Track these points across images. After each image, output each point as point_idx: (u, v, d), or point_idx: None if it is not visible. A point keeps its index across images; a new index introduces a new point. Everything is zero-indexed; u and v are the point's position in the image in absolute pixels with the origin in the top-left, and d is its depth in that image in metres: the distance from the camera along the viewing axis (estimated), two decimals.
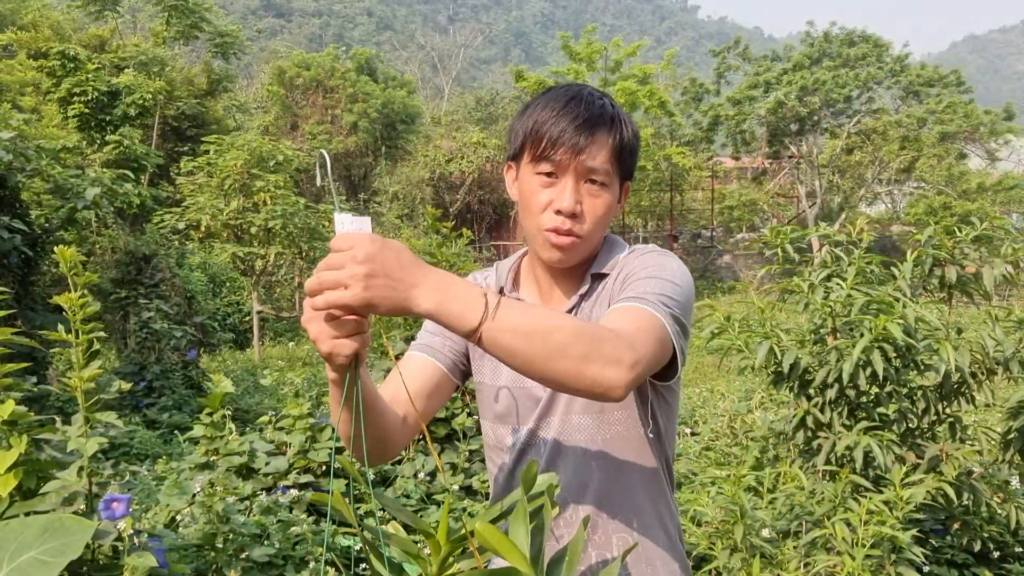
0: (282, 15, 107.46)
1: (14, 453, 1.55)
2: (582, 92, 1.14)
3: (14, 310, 5.40)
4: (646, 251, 1.18)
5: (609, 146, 1.10)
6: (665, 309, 1.04)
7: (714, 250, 22.08)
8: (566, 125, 1.09)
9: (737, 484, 2.42)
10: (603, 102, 1.13)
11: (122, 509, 1.57)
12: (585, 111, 1.10)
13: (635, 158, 1.17)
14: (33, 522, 1.03)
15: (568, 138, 1.09)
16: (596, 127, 1.10)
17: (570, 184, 1.11)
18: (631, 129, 1.14)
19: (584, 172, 1.11)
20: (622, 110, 1.16)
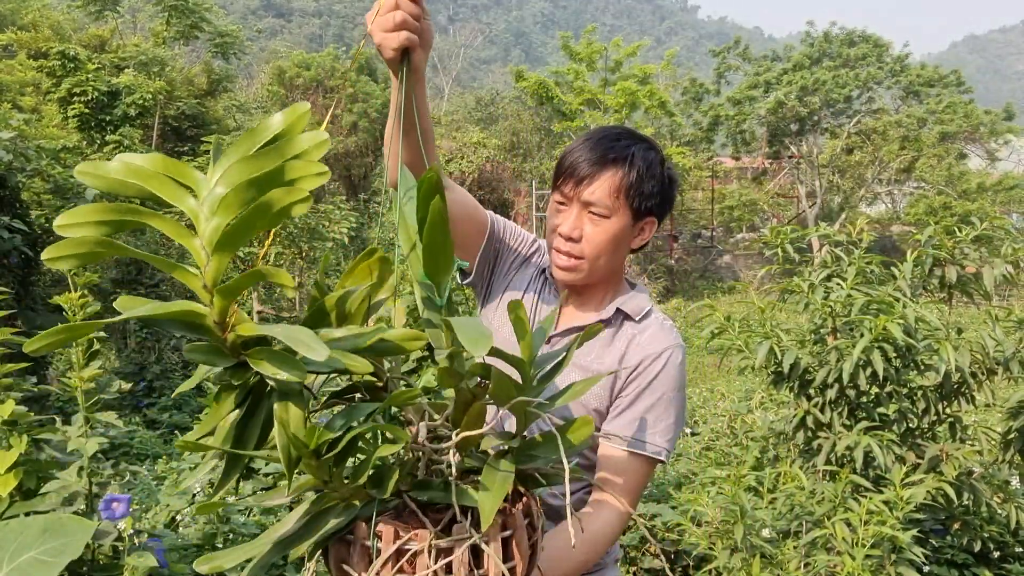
0: (282, 15, 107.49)
1: (14, 453, 1.55)
2: (611, 132, 1.26)
3: (14, 310, 5.40)
4: (669, 360, 1.25)
5: (613, 182, 1.21)
6: (670, 449, 1.24)
7: (714, 250, 22.07)
8: (578, 160, 1.23)
9: (737, 484, 2.42)
10: (625, 143, 1.23)
11: (122, 509, 1.57)
12: (600, 149, 1.22)
13: (653, 197, 1.24)
14: (33, 522, 1.03)
15: (576, 172, 1.22)
16: (604, 165, 1.21)
17: (574, 212, 1.24)
18: (652, 170, 1.23)
19: (585, 203, 1.23)
20: (651, 153, 1.24)
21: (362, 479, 0.80)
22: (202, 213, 0.71)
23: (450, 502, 0.81)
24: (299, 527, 0.83)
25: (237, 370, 0.76)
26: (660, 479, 3.65)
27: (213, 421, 0.78)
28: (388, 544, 0.80)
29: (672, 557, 3.04)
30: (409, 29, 1.02)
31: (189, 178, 0.72)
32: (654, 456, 1.22)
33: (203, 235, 0.70)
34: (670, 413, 1.24)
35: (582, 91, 19.25)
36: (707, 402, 7.70)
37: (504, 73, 45.26)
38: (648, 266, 20.33)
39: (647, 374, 1.24)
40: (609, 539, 1.18)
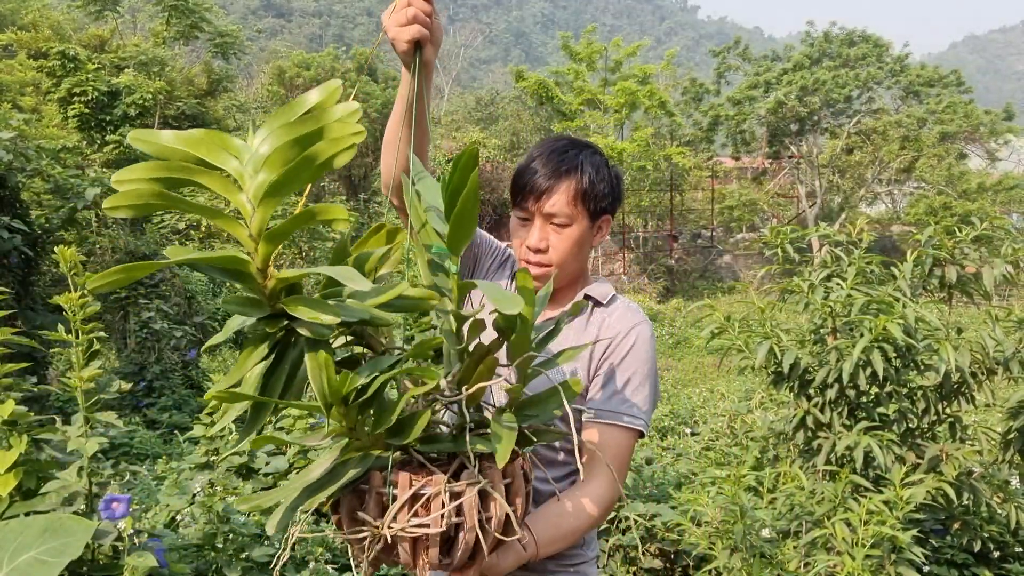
0: (282, 15, 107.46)
1: (14, 453, 1.55)
2: (558, 146, 1.35)
3: (14, 310, 5.40)
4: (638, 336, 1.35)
5: (569, 192, 1.31)
6: (647, 421, 1.32)
7: (714, 250, 22.05)
8: (534, 177, 1.33)
9: (737, 484, 2.42)
10: (573, 153, 1.34)
11: (122, 509, 1.57)
12: (552, 163, 1.32)
13: (606, 197, 1.36)
14: (33, 522, 1.03)
15: (534, 188, 1.32)
16: (559, 177, 1.31)
17: (537, 225, 1.34)
18: (600, 173, 1.34)
19: (547, 215, 1.33)
20: (596, 157, 1.36)
21: (386, 424, 0.85)
22: (247, 172, 0.78)
23: (458, 452, 0.90)
24: (325, 474, 0.88)
25: (271, 319, 0.83)
26: (660, 479, 3.65)
27: (241, 371, 0.84)
28: (404, 490, 0.87)
29: (672, 557, 3.04)
30: (420, 23, 1.14)
31: (232, 146, 0.80)
32: (632, 426, 1.30)
33: (248, 190, 0.78)
34: (645, 386, 1.33)
35: (582, 91, 19.24)
36: (707, 402, 7.69)
37: (504, 73, 45.22)
38: (648, 266, 20.33)
39: (619, 351, 1.33)
40: (600, 508, 1.25)
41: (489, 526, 0.90)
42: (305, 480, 0.88)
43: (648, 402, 1.33)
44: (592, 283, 1.44)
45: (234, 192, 0.79)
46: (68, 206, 6.62)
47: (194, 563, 2.26)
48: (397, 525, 0.86)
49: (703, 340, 2.86)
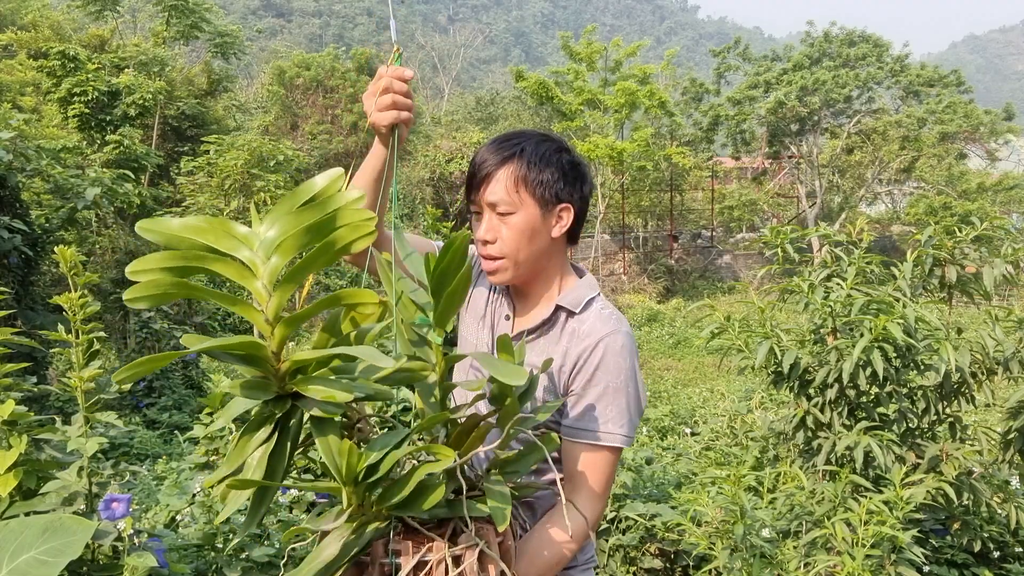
0: (282, 15, 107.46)
1: (14, 453, 1.55)
2: (504, 135, 1.33)
3: (14, 310, 5.40)
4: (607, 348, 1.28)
5: (508, 178, 1.27)
6: (627, 434, 1.27)
7: (714, 250, 22.05)
8: (477, 165, 1.31)
9: (737, 484, 2.42)
10: (516, 140, 1.30)
11: (122, 509, 1.57)
12: (492, 150, 1.30)
13: (555, 183, 1.29)
14: (33, 522, 1.03)
15: (476, 176, 1.30)
16: (498, 164, 1.28)
17: (485, 216, 1.31)
18: (546, 159, 1.29)
19: (491, 204, 1.29)
20: (545, 144, 1.31)
21: (397, 498, 0.88)
22: (258, 258, 0.81)
23: (453, 516, 0.93)
24: (340, 550, 0.89)
25: (278, 401, 0.84)
26: (660, 479, 3.65)
27: (241, 456, 0.86)
28: (408, 558, 0.90)
29: (672, 557, 3.04)
30: (399, 107, 1.21)
31: (238, 233, 0.82)
32: (610, 444, 1.26)
33: (262, 276, 0.80)
34: (619, 399, 1.27)
35: (582, 91, 19.24)
36: (707, 402, 7.70)
37: (504, 73, 45.20)
38: (648, 266, 20.33)
39: (588, 366, 1.28)
40: (579, 534, 1.23)
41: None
42: (320, 560, 0.88)
43: (625, 414, 1.28)
44: (570, 285, 1.38)
45: (249, 279, 0.81)
46: (68, 206, 6.62)
47: (194, 563, 2.26)
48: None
49: (703, 340, 2.86)
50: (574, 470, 1.27)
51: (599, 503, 1.27)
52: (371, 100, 1.20)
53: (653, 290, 18.86)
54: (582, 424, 1.26)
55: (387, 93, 1.20)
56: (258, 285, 0.80)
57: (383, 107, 1.20)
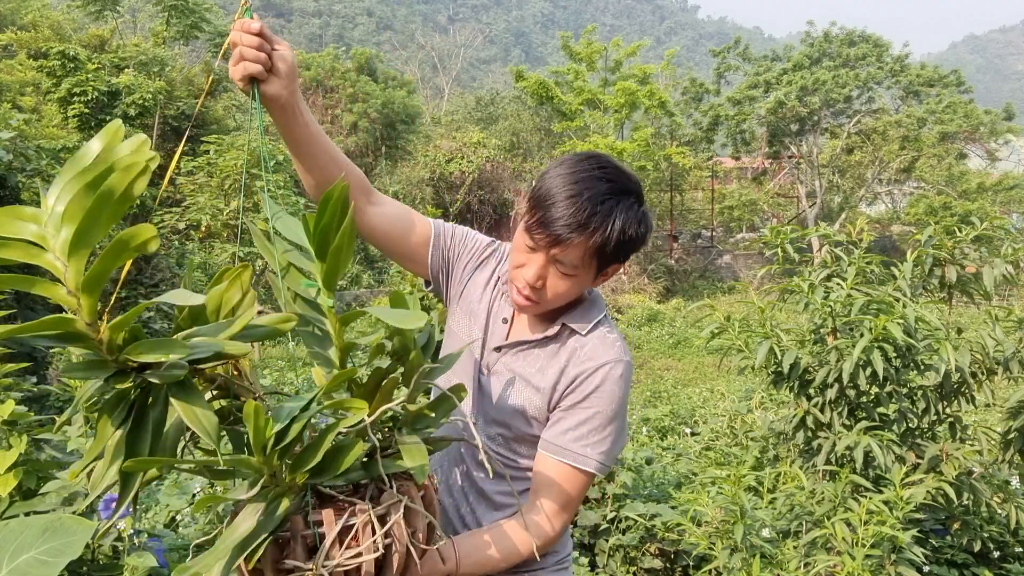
0: (282, 15, 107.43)
1: (14, 453, 1.55)
2: (597, 190, 1.17)
3: (14, 310, 5.39)
4: (606, 376, 1.25)
5: (586, 247, 1.18)
6: (604, 462, 1.25)
7: (714, 250, 22.05)
8: (557, 217, 1.17)
9: (737, 484, 2.42)
10: (609, 206, 1.17)
11: (122, 509, 1.57)
12: (583, 213, 1.16)
13: (622, 253, 1.22)
14: (33, 522, 1.03)
15: (551, 230, 1.18)
16: (582, 229, 1.16)
17: (540, 262, 1.22)
18: (630, 230, 1.19)
19: (554, 259, 1.21)
20: (632, 211, 1.19)
21: (310, 464, 0.83)
22: (48, 232, 0.74)
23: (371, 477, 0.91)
24: (256, 526, 0.84)
25: (119, 376, 0.77)
26: (660, 479, 3.65)
27: (100, 443, 0.79)
28: (331, 526, 0.85)
29: (672, 557, 3.04)
30: (249, 60, 1.10)
31: (25, 215, 0.75)
32: (581, 468, 1.24)
33: (54, 248, 0.74)
34: (605, 427, 1.25)
35: (582, 91, 19.24)
36: (707, 402, 7.70)
37: (504, 73, 45.22)
38: (648, 266, 20.33)
39: (583, 388, 1.25)
40: (536, 540, 1.22)
41: (416, 539, 0.92)
42: (234, 537, 0.84)
43: (607, 443, 1.26)
44: (579, 305, 1.33)
45: (38, 255, 0.75)
46: None
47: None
48: (332, 562, 0.85)
49: (703, 340, 2.86)
50: (543, 484, 1.25)
51: (559, 521, 1.25)
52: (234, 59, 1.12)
53: (653, 290, 18.86)
54: (562, 443, 1.24)
55: (235, 47, 1.11)
56: (50, 258, 0.74)
57: (233, 62, 1.11)
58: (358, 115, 21.91)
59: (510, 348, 1.32)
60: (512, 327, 1.36)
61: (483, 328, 1.37)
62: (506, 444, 1.32)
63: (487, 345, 1.35)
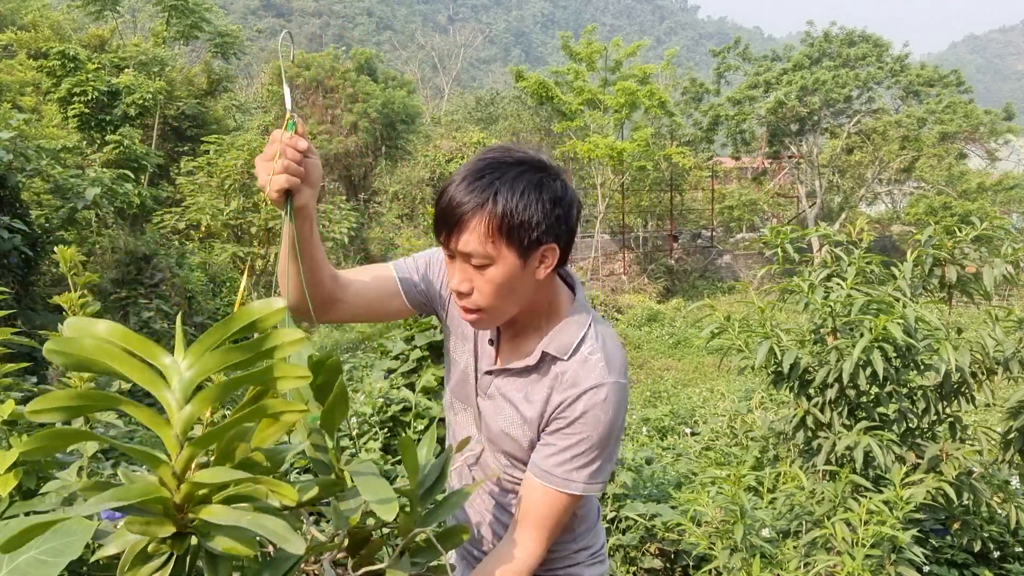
0: (282, 15, 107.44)
1: (14, 453, 1.55)
2: (476, 166, 1.14)
3: (14, 310, 5.40)
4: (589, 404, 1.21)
5: (482, 227, 1.11)
6: (588, 482, 1.22)
7: (714, 250, 22.05)
8: (445, 207, 1.14)
9: (737, 484, 2.42)
10: (489, 179, 1.12)
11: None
12: (463, 190, 1.12)
13: (537, 226, 1.13)
14: (33, 522, 1.03)
15: (446, 221, 1.14)
16: (470, 210, 1.11)
17: (457, 264, 1.18)
18: (526, 197, 1.12)
19: (464, 254, 1.15)
20: (523, 179, 1.13)
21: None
22: (173, 399, 0.71)
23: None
24: None
25: (178, 538, 0.74)
26: (660, 479, 3.65)
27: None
28: None
29: (672, 557, 3.04)
30: (291, 173, 1.08)
31: (156, 358, 0.73)
32: (565, 492, 1.22)
33: (176, 425, 0.72)
34: (591, 452, 1.22)
35: (582, 91, 19.24)
36: (707, 402, 7.70)
37: (504, 73, 45.22)
38: (648, 266, 20.32)
39: (567, 415, 1.22)
40: (521, 568, 1.23)
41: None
42: None
43: (594, 466, 1.23)
44: (561, 321, 1.27)
45: (163, 427, 0.73)
46: (68, 206, 6.62)
47: None
48: None
49: (703, 340, 2.86)
50: (528, 506, 1.25)
51: (543, 542, 1.25)
52: (263, 164, 1.09)
53: (653, 290, 18.85)
54: (547, 466, 1.23)
55: (272, 158, 1.09)
56: (172, 435, 0.72)
57: (273, 171, 1.09)
58: (358, 115, 21.90)
59: (499, 375, 1.31)
60: (500, 349, 1.33)
61: (472, 352, 1.35)
62: (514, 466, 1.32)
63: (479, 369, 1.34)
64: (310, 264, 1.19)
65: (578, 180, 21.57)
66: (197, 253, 12.44)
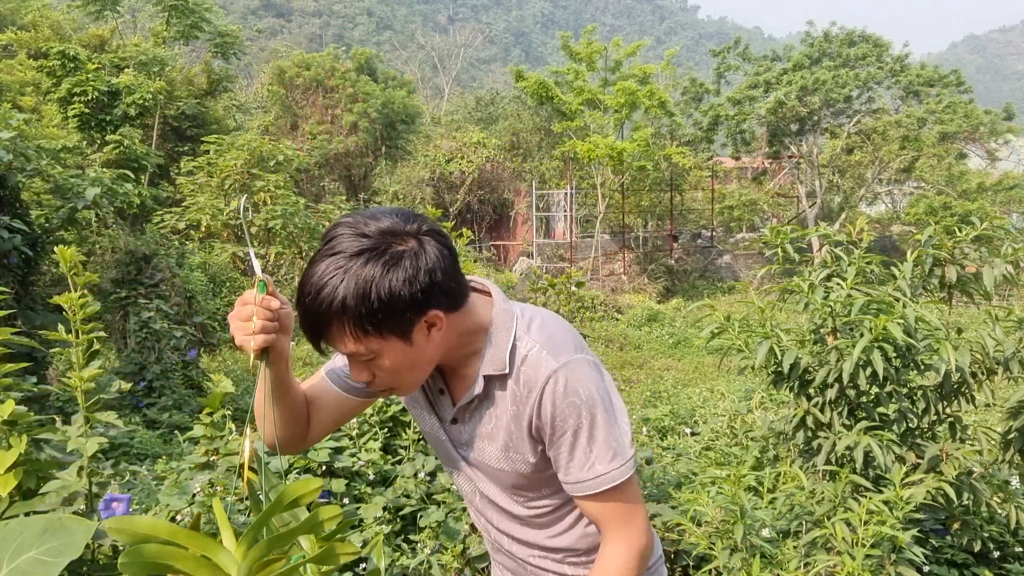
0: (282, 15, 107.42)
1: (14, 453, 1.55)
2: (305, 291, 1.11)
3: (14, 310, 5.40)
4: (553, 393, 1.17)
5: (348, 332, 1.09)
6: (619, 465, 1.19)
7: (714, 250, 22.05)
8: (303, 322, 1.12)
9: (737, 484, 2.42)
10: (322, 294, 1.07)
11: (122, 509, 1.57)
12: (306, 319, 1.11)
13: (396, 311, 1.08)
14: (33, 522, 1.03)
15: (311, 335, 1.12)
16: (322, 322, 1.09)
17: (350, 363, 1.17)
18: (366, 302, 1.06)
19: (348, 354, 1.14)
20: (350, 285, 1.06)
21: None
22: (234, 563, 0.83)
23: None
24: None
25: None
26: (660, 479, 3.65)
27: None
28: None
29: (672, 557, 3.04)
30: (266, 332, 1.11)
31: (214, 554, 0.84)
32: (608, 487, 1.19)
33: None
34: (593, 435, 1.18)
35: (582, 91, 19.24)
36: (707, 402, 7.70)
37: (504, 73, 45.21)
38: (648, 266, 20.33)
39: (545, 422, 1.19)
40: (629, 566, 1.21)
41: None
42: None
43: (606, 444, 1.18)
44: (488, 345, 1.21)
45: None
46: (68, 206, 6.62)
47: None
48: None
49: (703, 340, 2.86)
50: (596, 519, 1.24)
51: (634, 529, 1.22)
52: (238, 324, 1.11)
53: (653, 290, 18.85)
54: (578, 478, 1.20)
55: (247, 319, 1.11)
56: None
57: (249, 332, 1.11)
58: (358, 115, 21.90)
59: (461, 412, 1.28)
60: (453, 393, 1.30)
61: (430, 410, 1.33)
62: (524, 494, 1.30)
63: (443, 420, 1.32)
64: (291, 401, 1.24)
65: (578, 180, 21.58)
66: (197, 253, 12.44)
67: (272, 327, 1.11)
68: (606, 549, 1.23)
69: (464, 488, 1.39)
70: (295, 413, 1.26)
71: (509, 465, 1.26)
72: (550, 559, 1.35)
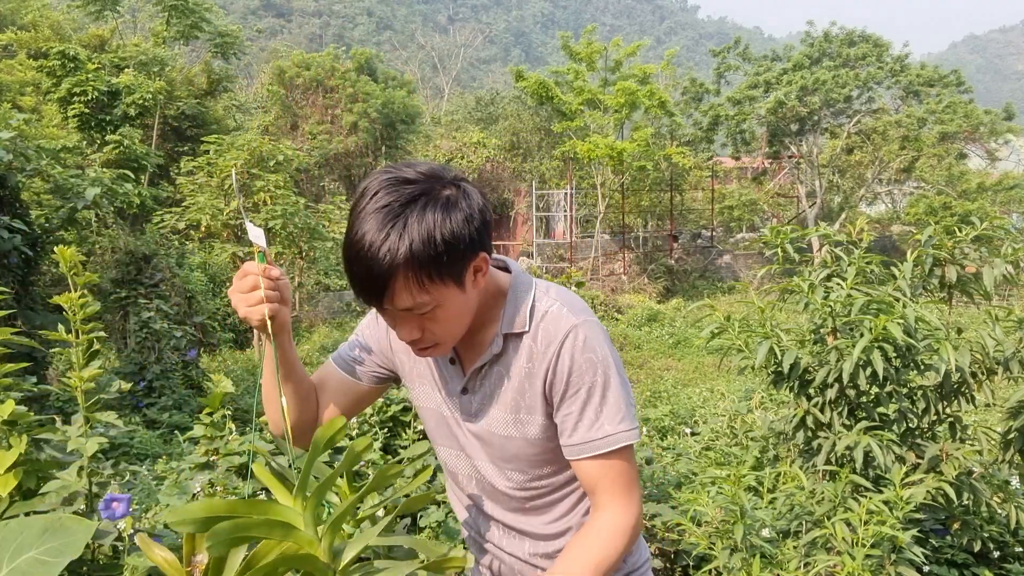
0: (282, 15, 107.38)
1: (14, 453, 1.55)
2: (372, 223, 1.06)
3: (14, 310, 5.40)
4: (572, 350, 1.18)
5: (411, 284, 1.07)
6: (628, 428, 1.20)
7: (714, 250, 22.04)
8: (360, 279, 1.09)
9: (737, 484, 2.42)
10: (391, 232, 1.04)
11: (122, 509, 1.57)
12: (362, 265, 1.07)
13: (457, 258, 1.09)
14: (33, 522, 1.03)
15: (368, 293, 1.10)
16: (383, 275, 1.06)
17: (399, 318, 1.15)
18: (435, 232, 1.05)
19: (404, 311, 1.12)
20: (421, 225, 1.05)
21: None
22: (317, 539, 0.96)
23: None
24: None
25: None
26: (660, 479, 3.65)
27: None
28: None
29: (672, 557, 3.04)
30: (269, 300, 1.14)
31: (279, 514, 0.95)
32: (613, 448, 1.18)
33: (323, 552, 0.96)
34: (607, 395, 1.19)
35: (582, 91, 19.24)
36: (707, 402, 7.69)
37: (504, 73, 45.20)
38: (648, 266, 20.32)
39: (560, 378, 1.19)
40: (621, 534, 1.19)
41: None
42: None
43: (618, 406, 1.19)
44: (507, 298, 1.23)
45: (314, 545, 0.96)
46: (68, 206, 6.62)
47: None
48: None
49: (703, 340, 2.86)
50: (594, 485, 1.21)
51: (631, 503, 1.21)
52: (239, 296, 1.14)
53: (653, 290, 18.85)
54: (581, 438, 1.19)
55: (256, 289, 1.13)
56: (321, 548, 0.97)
57: (252, 302, 1.13)
58: (358, 115, 21.90)
59: (474, 380, 1.27)
60: (464, 361, 1.29)
61: (435, 384, 1.33)
62: (525, 471, 1.29)
63: (451, 394, 1.30)
64: (299, 379, 1.28)
65: (578, 180, 21.58)
66: (197, 253, 12.44)
67: (275, 296, 1.15)
68: (600, 514, 1.20)
69: (460, 472, 1.36)
70: (302, 396, 1.29)
71: (518, 430, 1.24)
72: (545, 560, 1.33)
